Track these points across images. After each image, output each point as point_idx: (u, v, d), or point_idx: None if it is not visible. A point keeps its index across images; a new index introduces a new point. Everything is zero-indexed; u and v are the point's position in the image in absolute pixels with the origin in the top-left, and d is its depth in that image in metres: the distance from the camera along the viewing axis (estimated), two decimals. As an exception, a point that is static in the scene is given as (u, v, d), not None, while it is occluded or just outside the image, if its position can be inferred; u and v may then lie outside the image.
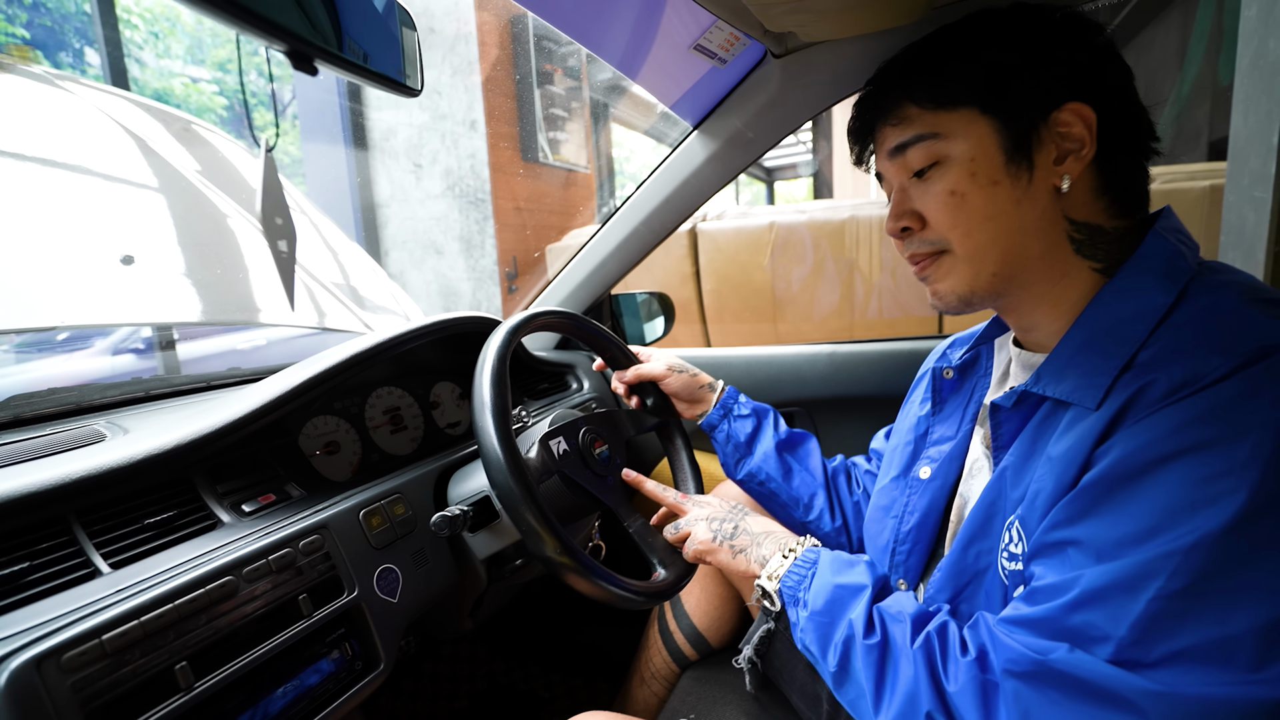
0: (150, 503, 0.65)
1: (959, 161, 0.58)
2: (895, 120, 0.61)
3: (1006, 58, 0.57)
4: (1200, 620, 0.42)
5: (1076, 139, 0.56)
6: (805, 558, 0.66)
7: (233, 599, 0.60)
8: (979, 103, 0.57)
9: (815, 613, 0.60)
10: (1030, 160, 0.56)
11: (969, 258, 0.59)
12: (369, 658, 0.71)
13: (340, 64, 0.47)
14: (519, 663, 1.49)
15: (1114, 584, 0.45)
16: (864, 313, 2.50)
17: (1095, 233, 0.58)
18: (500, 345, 0.76)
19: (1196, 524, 0.42)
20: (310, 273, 1.62)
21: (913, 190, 0.62)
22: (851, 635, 0.57)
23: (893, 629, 0.56)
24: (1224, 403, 0.44)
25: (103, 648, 0.50)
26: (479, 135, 4.74)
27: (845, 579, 0.61)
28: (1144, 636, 0.43)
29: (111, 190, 1.28)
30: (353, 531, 0.74)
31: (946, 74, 0.58)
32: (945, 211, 0.59)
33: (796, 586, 0.64)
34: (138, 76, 5.18)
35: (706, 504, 0.78)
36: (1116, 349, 0.51)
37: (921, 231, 0.62)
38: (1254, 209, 1.66)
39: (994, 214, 0.57)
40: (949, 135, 0.58)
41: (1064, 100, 0.55)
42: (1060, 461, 0.51)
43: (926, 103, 0.59)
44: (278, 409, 0.77)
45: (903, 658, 0.54)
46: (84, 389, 0.91)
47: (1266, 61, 1.62)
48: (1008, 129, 0.56)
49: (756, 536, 0.71)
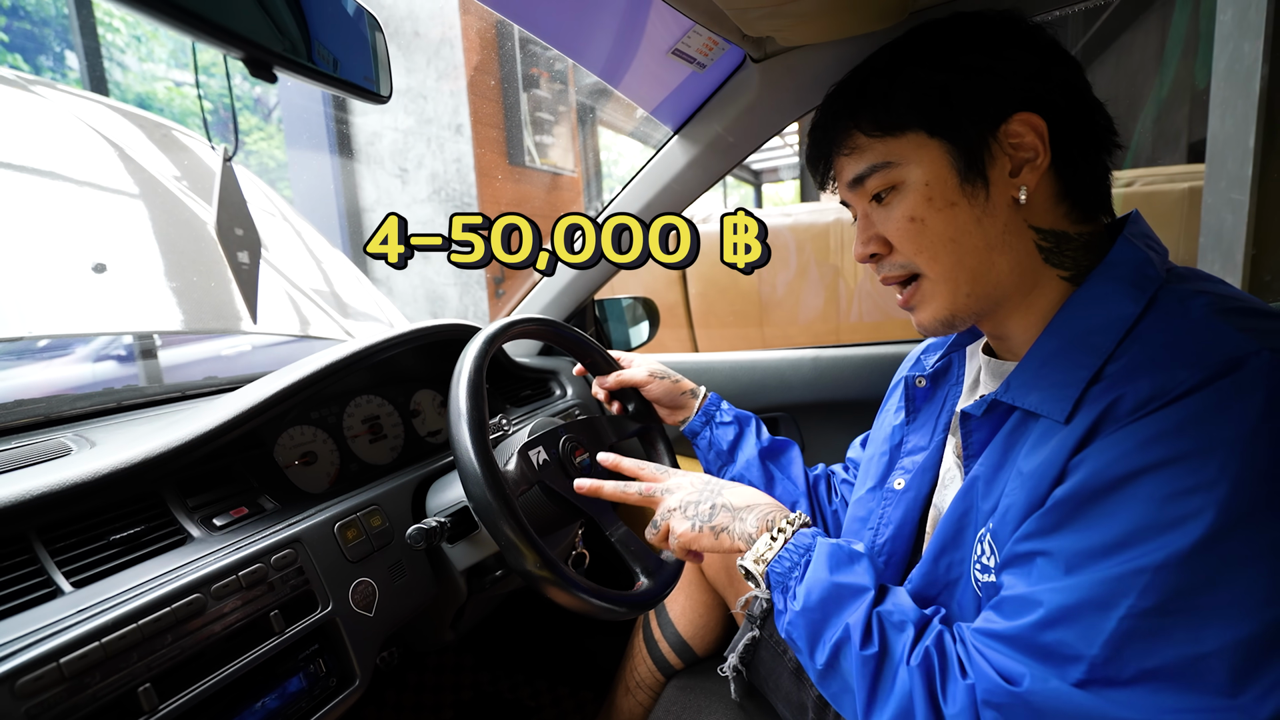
0: (116, 518, 0.64)
1: (914, 187, 0.57)
2: (848, 150, 0.61)
3: (946, 76, 0.56)
4: (1171, 639, 0.42)
5: (1029, 148, 0.55)
6: (798, 543, 0.62)
7: (200, 617, 0.59)
8: (925, 125, 0.57)
9: (808, 608, 0.57)
10: (985, 177, 0.56)
11: (941, 279, 0.59)
12: (343, 674, 0.69)
13: (304, 71, 0.46)
14: (504, 672, 1.48)
15: (1085, 601, 0.44)
16: (849, 316, 2.51)
17: (1061, 239, 0.57)
18: (477, 354, 0.75)
19: (1165, 541, 0.42)
20: (292, 280, 1.60)
21: (875, 216, 0.61)
22: (846, 639, 0.55)
23: (893, 639, 0.54)
24: (1191, 417, 0.43)
25: (60, 671, 0.49)
26: (465, 139, 4.72)
27: (845, 578, 0.58)
28: (1116, 655, 0.43)
29: (85, 197, 1.26)
30: (327, 545, 0.72)
31: (889, 99, 0.58)
32: (908, 238, 0.59)
33: (787, 575, 0.60)
34: (120, 81, 5.11)
35: (678, 488, 0.72)
36: (1084, 360, 0.51)
37: (890, 256, 0.62)
38: (1232, 211, 1.68)
39: (955, 235, 0.57)
40: (901, 161, 0.58)
41: (1011, 111, 0.55)
42: (1032, 477, 0.51)
43: (874, 131, 0.59)
44: (251, 420, 0.76)
45: (900, 671, 0.52)
46: (52, 400, 0.89)
47: (1242, 65, 1.64)
48: (957, 148, 0.56)
49: (738, 511, 0.67)
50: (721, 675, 0.91)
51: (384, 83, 0.56)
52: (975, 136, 0.55)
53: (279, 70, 0.42)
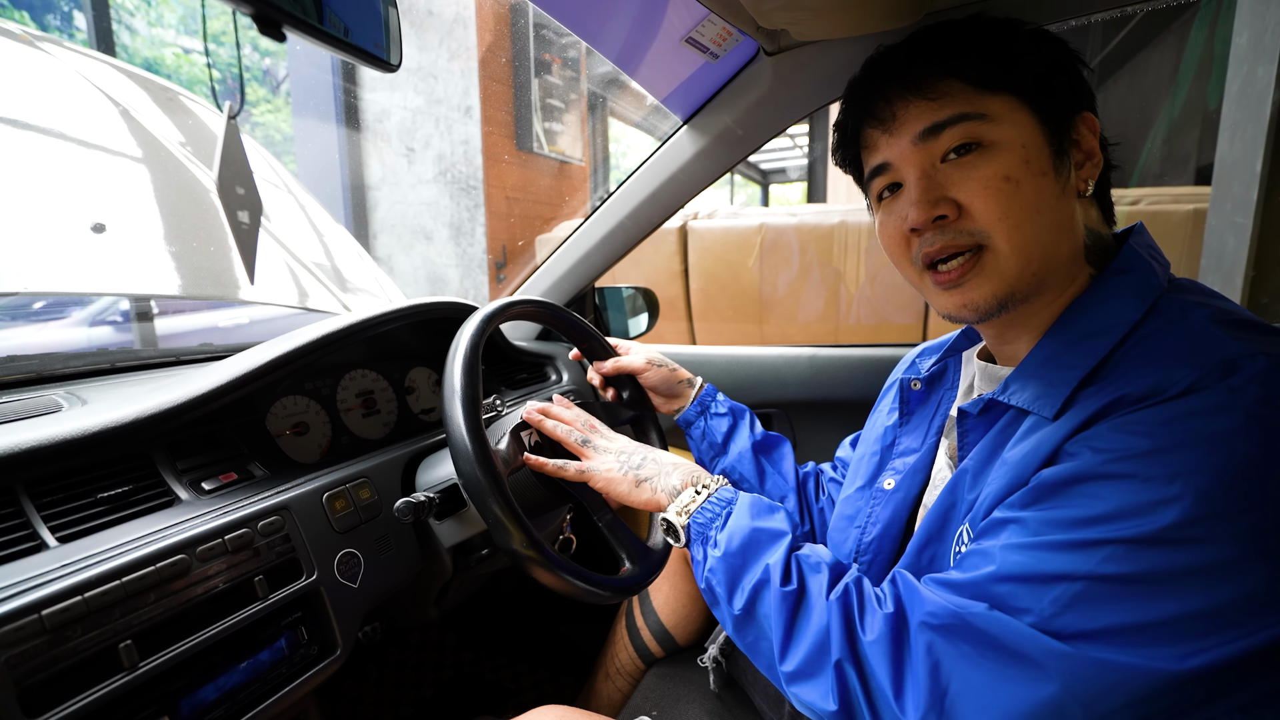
0: (104, 477, 0.64)
1: (1010, 147, 0.54)
2: (934, 95, 0.56)
3: (1048, 55, 0.57)
4: (1121, 605, 0.42)
5: (1088, 149, 0.57)
6: (720, 496, 0.64)
7: (184, 578, 0.59)
8: (1023, 92, 0.55)
9: (729, 554, 0.59)
10: (1068, 158, 0.57)
11: (1014, 252, 0.55)
12: (325, 643, 0.69)
13: (314, 33, 0.45)
14: (487, 653, 1.48)
15: (1042, 560, 0.45)
16: (848, 318, 2.51)
17: (1098, 240, 0.59)
18: (474, 333, 0.74)
19: (1138, 522, 0.43)
20: (293, 252, 1.59)
21: (945, 175, 0.57)
22: (765, 580, 0.56)
23: (810, 578, 0.55)
24: (1184, 414, 0.44)
25: (42, 623, 0.49)
26: (473, 122, 4.70)
27: (765, 523, 0.60)
28: (1064, 611, 0.44)
29: (87, 156, 1.25)
30: (315, 514, 0.72)
31: (996, 55, 0.56)
32: (995, 199, 0.54)
33: (708, 525, 0.62)
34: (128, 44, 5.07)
35: (615, 440, 0.76)
36: (1078, 361, 0.52)
37: (958, 221, 0.56)
38: (1234, 234, 1.69)
39: (1042, 207, 0.55)
40: (995, 119, 0.55)
41: (1085, 108, 0.57)
42: (1015, 467, 0.51)
43: (972, 79, 0.55)
44: (244, 386, 0.76)
45: (817, 606, 0.53)
46: (45, 358, 0.89)
47: (1254, 89, 1.64)
48: (1049, 124, 0.56)
49: (664, 466, 0.69)
50: (701, 665, 0.91)
51: (394, 52, 0.56)
52: (1064, 118, 0.56)
53: (289, 30, 0.41)
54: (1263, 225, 1.57)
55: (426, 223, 4.97)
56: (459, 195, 4.85)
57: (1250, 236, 1.58)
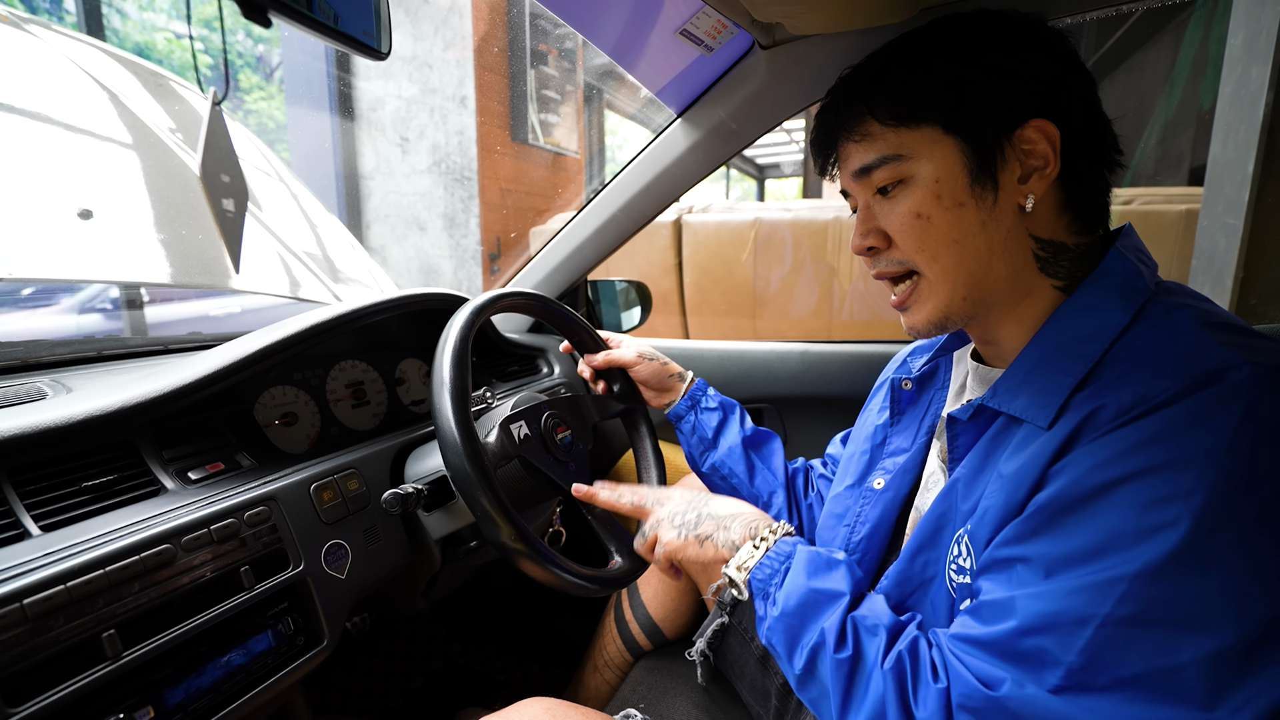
0: (89, 465, 0.63)
1: (923, 183, 0.56)
2: (858, 137, 0.60)
3: (969, 72, 0.55)
4: (1146, 648, 0.42)
5: (1040, 156, 0.55)
6: (779, 550, 0.62)
7: (169, 568, 0.58)
8: (941, 121, 0.56)
9: (786, 613, 0.58)
10: (995, 180, 0.55)
11: (939, 279, 0.58)
12: (312, 634, 0.69)
13: (300, 19, 0.45)
14: (476, 645, 1.49)
15: (1063, 608, 0.45)
16: (841, 314, 2.52)
17: (1059, 250, 0.57)
18: (463, 325, 0.74)
19: (1142, 550, 0.42)
20: (284, 241, 1.58)
21: (878, 208, 0.60)
22: (822, 643, 0.55)
23: (866, 643, 0.54)
24: (1171, 426, 0.44)
25: (23, 612, 0.48)
26: (468, 112, 4.67)
27: (822, 584, 0.58)
28: (1092, 662, 0.43)
29: (75, 141, 1.23)
30: (302, 505, 0.72)
31: (908, 89, 0.56)
32: (910, 234, 0.58)
33: (767, 581, 0.61)
34: (119, 28, 4.99)
35: (667, 499, 0.74)
36: (1070, 367, 0.51)
37: (888, 251, 0.61)
38: (1225, 235, 1.70)
39: (959, 237, 0.56)
40: (913, 155, 0.57)
41: (1028, 117, 0.54)
42: (1011, 480, 0.51)
43: (888, 120, 0.57)
44: (232, 375, 0.75)
45: (874, 674, 0.53)
46: (31, 345, 0.88)
47: (1248, 90, 1.65)
48: (971, 148, 0.55)
49: (722, 520, 0.67)
50: (689, 659, 0.92)
51: (384, 40, 0.55)
52: (990, 137, 0.55)
53: (275, 16, 0.41)
54: (1254, 227, 1.58)
55: (420, 213, 4.94)
56: (453, 186, 4.82)
57: (1241, 238, 1.58)
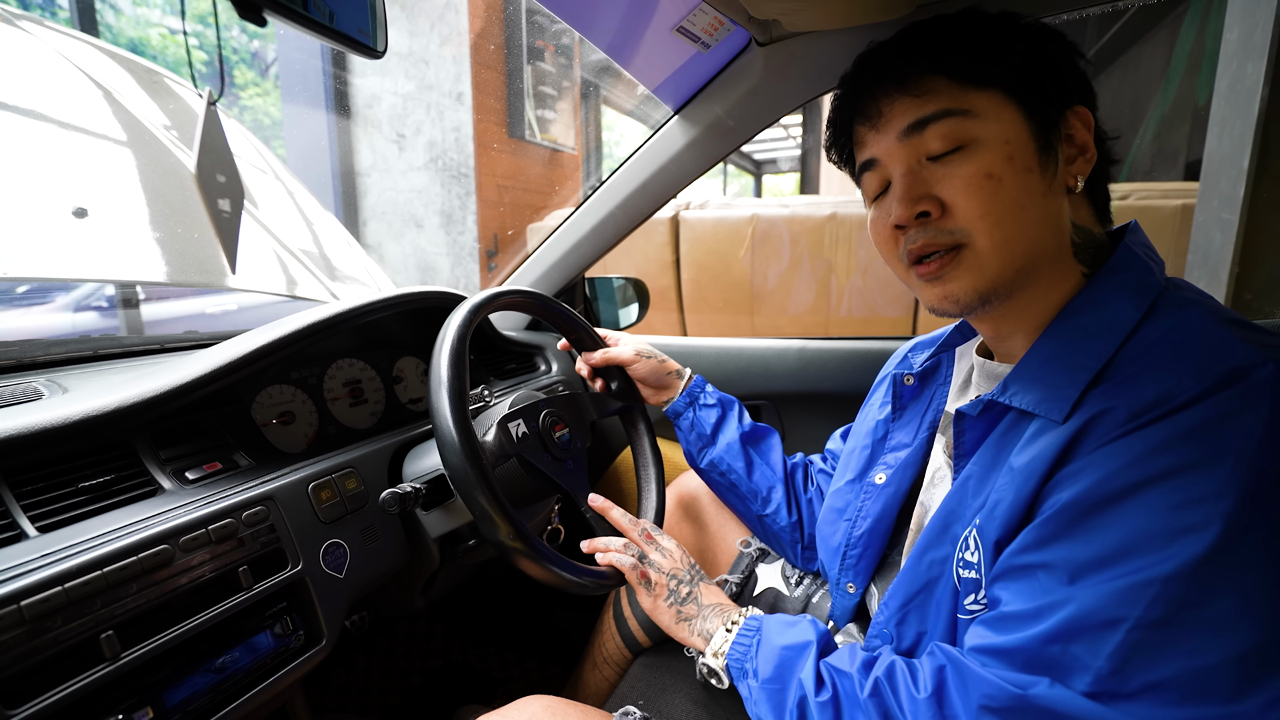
0: (86, 466, 0.63)
1: (993, 144, 0.54)
2: (918, 91, 0.56)
3: (1036, 47, 0.56)
4: (1177, 651, 0.41)
5: (1080, 143, 0.56)
6: (749, 626, 0.67)
7: (167, 568, 0.58)
8: (1009, 87, 0.55)
9: (766, 681, 0.60)
10: (1056, 153, 0.55)
11: (995, 249, 0.54)
12: (311, 633, 0.69)
13: (296, 18, 0.44)
14: (475, 642, 1.49)
15: (1090, 613, 0.44)
16: (839, 310, 2.52)
17: (1088, 238, 0.58)
18: (461, 323, 0.74)
19: (1172, 552, 0.42)
20: (280, 239, 1.57)
21: (928, 173, 0.56)
22: (804, 696, 0.57)
23: (841, 684, 0.57)
24: (1197, 426, 0.43)
25: (21, 614, 0.48)
26: (465, 108, 4.65)
27: (789, 639, 0.62)
28: (1122, 667, 0.42)
29: (69, 139, 1.23)
30: (300, 505, 0.72)
31: (982, 50, 0.55)
32: (977, 197, 0.54)
33: (743, 658, 0.64)
34: (112, 24, 4.96)
35: (669, 553, 0.78)
36: (1084, 362, 0.51)
37: (940, 220, 0.56)
38: (1221, 230, 1.70)
39: (1026, 204, 0.54)
40: (979, 115, 0.54)
41: (1076, 102, 0.56)
42: (1022, 473, 0.50)
43: (957, 75, 0.55)
44: (229, 375, 0.75)
45: (857, 710, 0.55)
46: (26, 344, 0.87)
47: (1244, 86, 1.65)
48: (1035, 119, 0.55)
49: (705, 610, 0.72)
50: (688, 655, 0.92)
51: (379, 37, 0.55)
52: (1053, 112, 0.55)
53: (270, 16, 0.41)
54: (1249, 222, 1.58)
55: (417, 210, 4.92)
56: (450, 183, 4.81)
57: (1236, 233, 1.59)
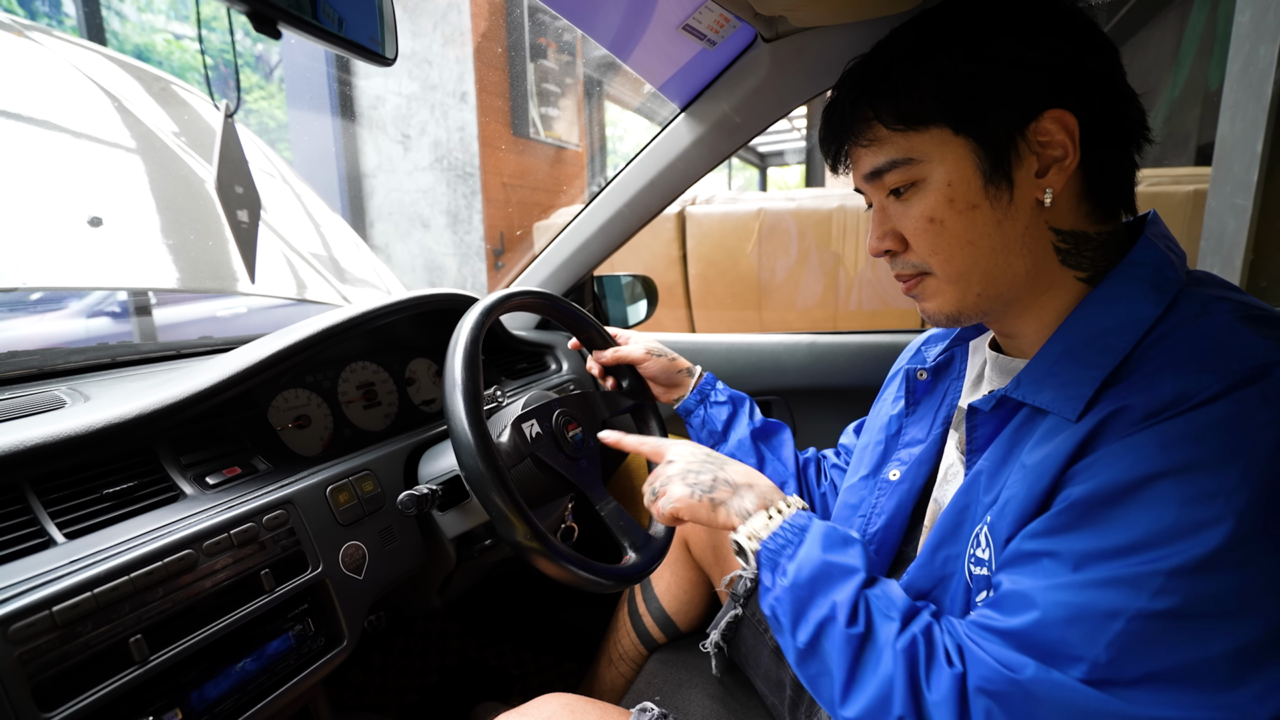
0: (110, 472, 0.64)
1: (935, 186, 0.55)
2: (865, 142, 0.58)
3: (975, 67, 0.52)
4: (1178, 643, 0.41)
5: (1058, 147, 0.52)
6: (794, 522, 0.61)
7: (192, 572, 0.59)
8: (950, 121, 0.53)
9: (796, 584, 0.56)
10: (1010, 178, 0.53)
11: (951, 281, 0.57)
12: (331, 634, 0.70)
13: (308, 29, 0.45)
14: (490, 640, 1.50)
15: (1091, 601, 0.44)
16: (848, 304, 2.51)
17: (1081, 240, 0.55)
18: (474, 325, 0.75)
19: (1182, 547, 0.41)
20: (290, 243, 1.59)
21: (892, 210, 0.59)
22: (831, 618, 0.54)
23: (879, 623, 0.53)
24: (1214, 423, 0.42)
25: (53, 619, 0.49)
26: (469, 108, 4.66)
27: (837, 558, 0.57)
28: (1120, 656, 0.42)
29: (82, 149, 1.24)
30: (319, 507, 0.73)
31: (913, 90, 0.54)
32: (924, 238, 0.56)
33: (779, 552, 0.59)
34: (118, 31, 5.00)
35: (681, 453, 0.72)
36: (1099, 359, 0.50)
37: (904, 253, 0.60)
38: (1234, 216, 1.68)
39: (974, 238, 0.55)
40: (923, 159, 0.55)
41: (1042, 108, 0.52)
42: (1034, 470, 0.50)
43: (895, 124, 0.55)
44: (246, 380, 0.76)
45: (884, 654, 0.52)
46: (47, 353, 0.89)
47: (1256, 69, 1.63)
48: (984, 148, 0.53)
49: (738, 487, 0.65)
50: (703, 651, 0.92)
51: (389, 44, 0.55)
52: (1003, 135, 0.52)
53: (283, 27, 0.41)
54: (1263, 207, 1.56)
55: (423, 210, 4.94)
56: (455, 182, 4.82)
57: (1250, 219, 1.57)
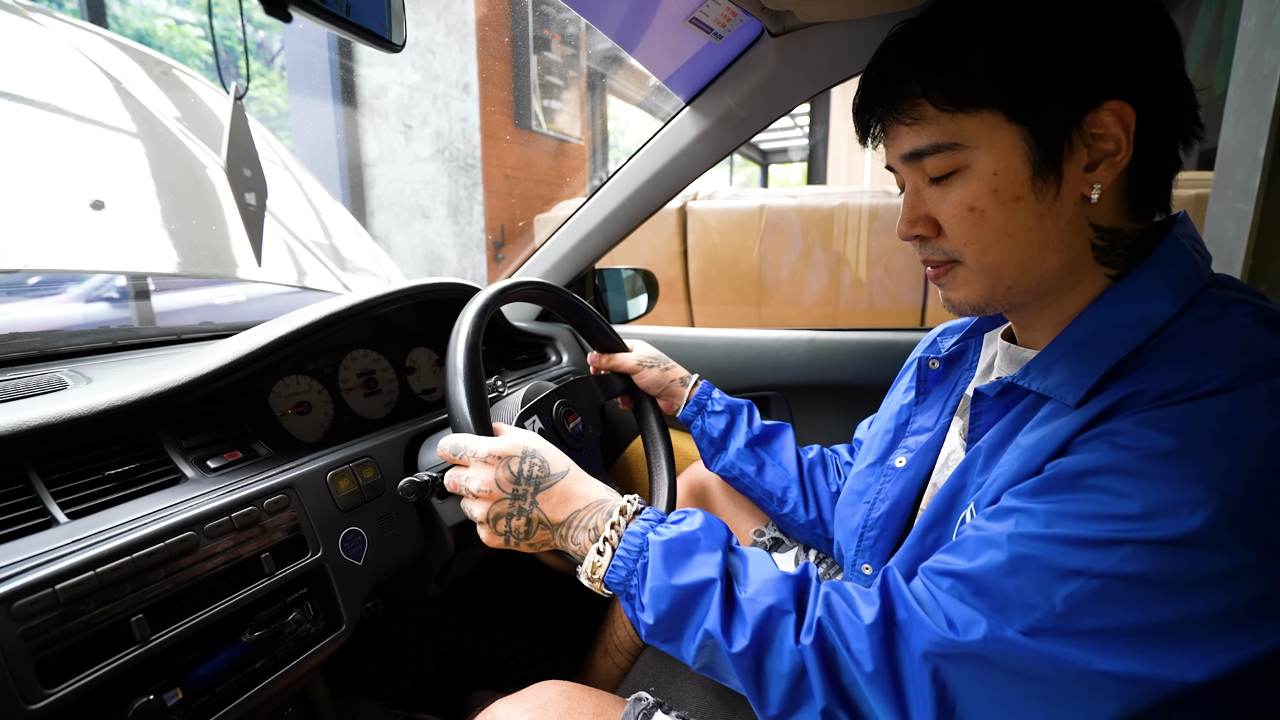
0: (112, 454, 0.64)
1: (980, 174, 0.52)
2: (910, 120, 0.54)
3: (1038, 49, 0.49)
4: (1133, 605, 0.42)
5: (1112, 140, 0.50)
6: (628, 545, 0.56)
7: (193, 554, 0.60)
8: (1005, 106, 0.50)
9: (660, 620, 0.53)
10: (1059, 172, 0.51)
11: (984, 272, 0.55)
12: (330, 618, 0.71)
13: (318, 13, 0.45)
14: (485, 629, 1.51)
15: (1057, 554, 0.44)
16: (849, 301, 2.51)
17: (1117, 238, 0.54)
18: (476, 315, 0.75)
19: (1161, 524, 0.41)
20: (291, 230, 1.58)
21: (927, 193, 0.56)
22: (711, 643, 0.51)
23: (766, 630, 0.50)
24: (1215, 415, 0.42)
25: (56, 597, 0.50)
26: (471, 99, 4.64)
27: (686, 577, 0.53)
28: (1074, 610, 0.43)
29: (83, 132, 1.24)
30: (319, 493, 0.73)
31: (968, 69, 0.50)
32: (961, 226, 0.54)
33: (625, 583, 0.55)
34: (119, 15, 4.97)
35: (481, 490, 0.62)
36: (1107, 350, 0.50)
37: (936, 239, 0.57)
38: (1235, 221, 1.68)
39: (1013, 231, 0.53)
40: (971, 144, 0.52)
41: (1102, 99, 0.49)
42: (1028, 450, 0.50)
43: (945, 104, 0.52)
44: (248, 365, 0.76)
45: (784, 656, 0.49)
46: (48, 335, 0.89)
47: (1261, 74, 1.62)
48: (1036, 138, 0.50)
49: (557, 528, 0.61)
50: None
51: (397, 31, 0.55)
52: (1059, 125, 0.50)
53: (293, 10, 0.41)
54: (1264, 212, 1.56)
55: (424, 201, 4.93)
56: (457, 173, 4.81)
57: (1251, 223, 1.57)
